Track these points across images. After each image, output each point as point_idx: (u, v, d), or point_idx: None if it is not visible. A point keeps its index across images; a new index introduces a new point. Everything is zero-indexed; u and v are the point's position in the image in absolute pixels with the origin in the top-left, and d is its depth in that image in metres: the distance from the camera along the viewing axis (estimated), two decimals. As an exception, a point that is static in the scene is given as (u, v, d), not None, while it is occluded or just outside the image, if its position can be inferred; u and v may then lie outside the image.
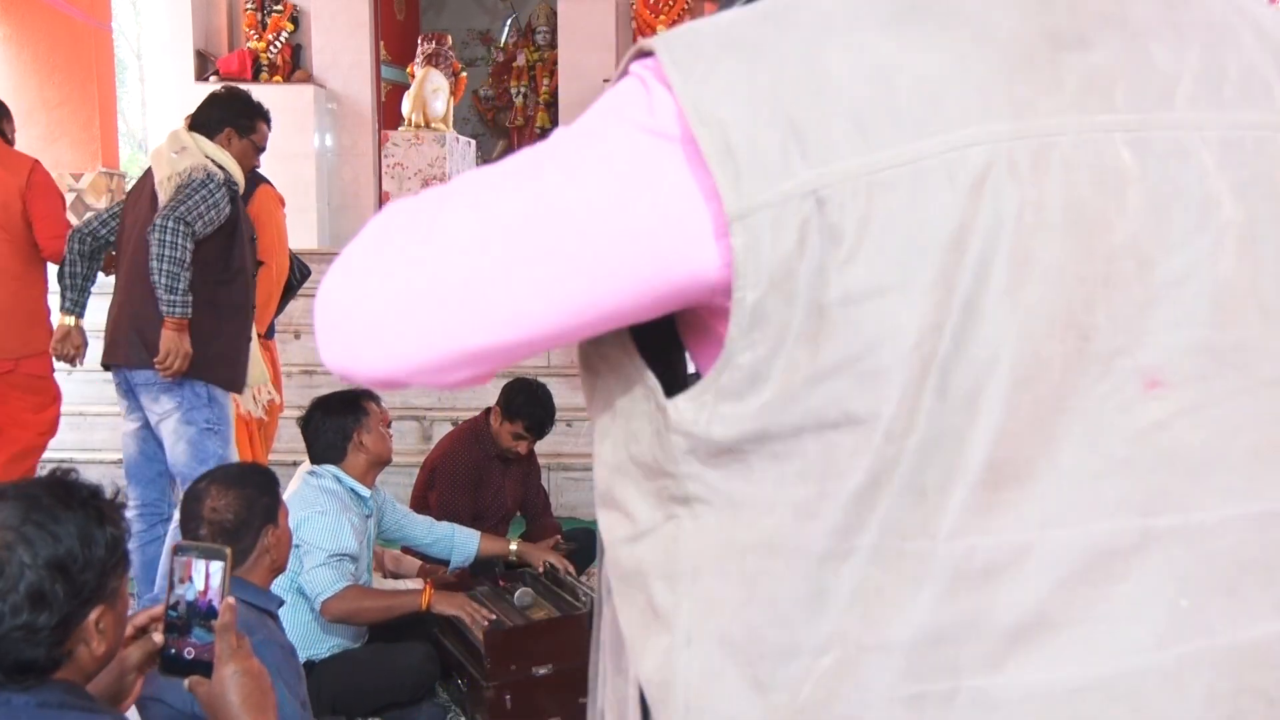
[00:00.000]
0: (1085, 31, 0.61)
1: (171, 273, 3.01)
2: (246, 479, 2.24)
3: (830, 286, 0.57)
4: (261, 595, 2.15)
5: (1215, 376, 0.59)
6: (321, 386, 5.39)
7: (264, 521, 2.19)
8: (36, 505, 1.26)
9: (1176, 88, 0.61)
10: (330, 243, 8.33)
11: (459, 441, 3.84)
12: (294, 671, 2.12)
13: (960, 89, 0.58)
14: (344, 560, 2.82)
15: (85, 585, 1.26)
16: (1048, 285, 0.57)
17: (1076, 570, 0.58)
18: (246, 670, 1.34)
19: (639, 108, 0.63)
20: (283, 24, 8.54)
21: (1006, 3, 0.61)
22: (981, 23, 0.60)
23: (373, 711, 2.78)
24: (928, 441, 0.58)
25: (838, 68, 0.59)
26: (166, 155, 3.27)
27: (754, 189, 0.58)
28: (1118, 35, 0.61)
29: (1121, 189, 0.58)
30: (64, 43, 6.61)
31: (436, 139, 7.04)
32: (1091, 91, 0.59)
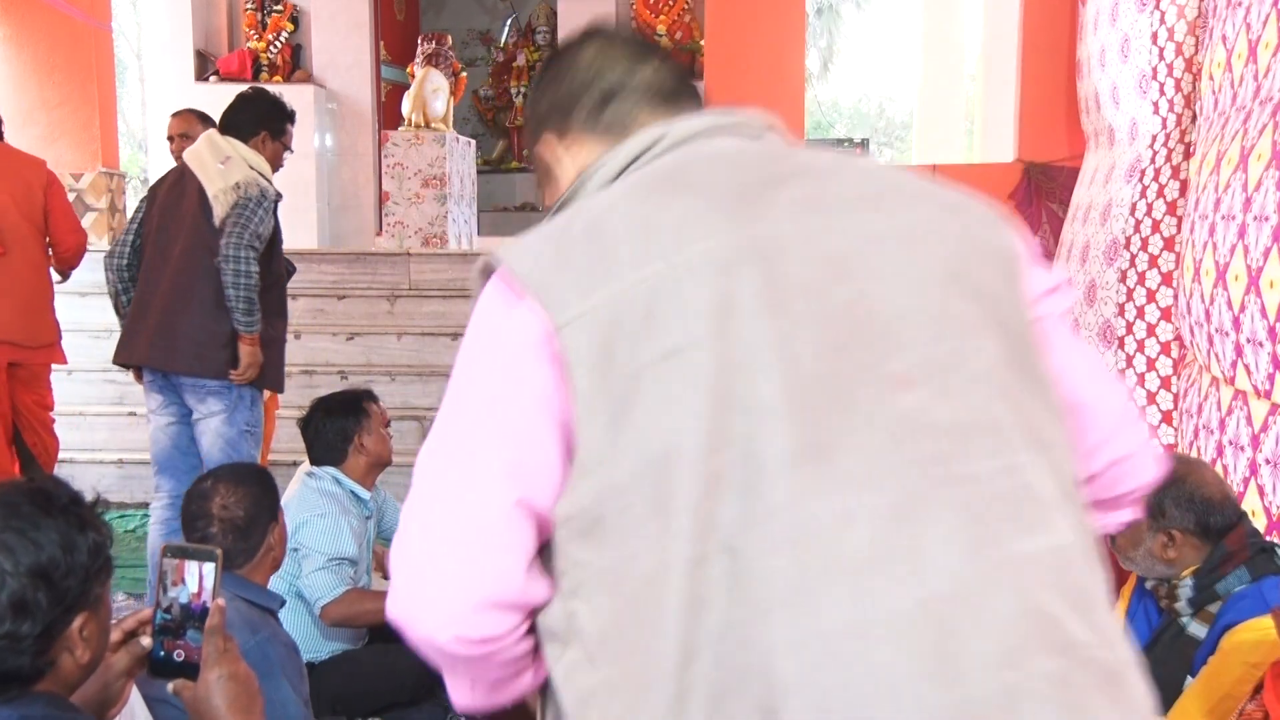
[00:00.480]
0: (784, 176, 0.92)
1: (248, 298, 3.25)
2: (250, 477, 2.24)
3: (635, 361, 0.82)
4: (264, 594, 2.16)
5: (944, 375, 0.84)
6: (321, 387, 5.39)
7: (270, 519, 2.20)
8: (16, 512, 1.23)
9: (855, 202, 0.92)
10: (330, 242, 8.33)
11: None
12: (297, 669, 2.13)
13: (699, 221, 0.87)
14: (343, 564, 2.82)
15: (68, 592, 1.24)
16: (805, 329, 0.82)
17: (890, 520, 0.79)
18: (233, 674, 1.32)
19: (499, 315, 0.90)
20: (283, 24, 8.54)
21: (725, 167, 0.93)
22: (709, 183, 0.91)
23: (373, 711, 2.78)
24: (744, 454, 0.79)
25: (617, 225, 0.88)
26: (212, 165, 3.34)
27: (564, 312, 0.84)
28: (805, 177, 0.93)
29: (839, 260, 0.86)
30: (64, 43, 6.61)
31: (436, 139, 7.03)
32: (796, 207, 0.89)
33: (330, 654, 2.87)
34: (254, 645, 2.01)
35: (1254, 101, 3.25)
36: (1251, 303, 3.03)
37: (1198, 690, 1.92)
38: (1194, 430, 3.66)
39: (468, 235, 7.49)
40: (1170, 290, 4.33)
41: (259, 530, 2.17)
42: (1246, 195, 3.10)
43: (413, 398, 5.52)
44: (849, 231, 0.88)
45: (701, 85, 5.46)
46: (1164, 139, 4.46)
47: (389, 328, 5.92)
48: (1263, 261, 2.97)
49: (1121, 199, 4.59)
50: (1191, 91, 4.34)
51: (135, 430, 5.46)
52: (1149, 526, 2.04)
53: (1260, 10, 3.22)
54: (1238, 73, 3.42)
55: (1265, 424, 3.05)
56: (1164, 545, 2.03)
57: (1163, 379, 4.43)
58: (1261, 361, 3.00)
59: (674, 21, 8.65)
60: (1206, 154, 3.61)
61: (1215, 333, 3.33)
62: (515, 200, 10.73)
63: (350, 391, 3.14)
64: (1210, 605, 2.00)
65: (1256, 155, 3.08)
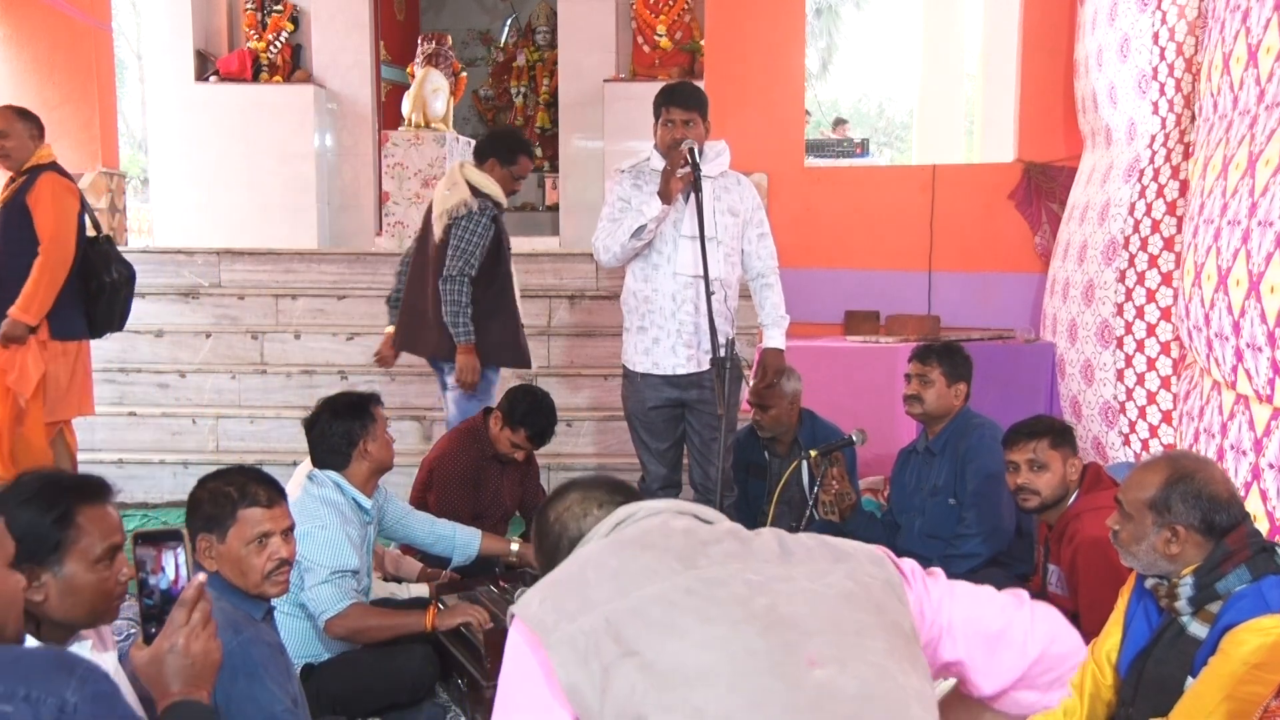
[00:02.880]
0: (718, 540, 1.33)
1: (454, 315, 4.01)
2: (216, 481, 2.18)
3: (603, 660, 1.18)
4: (246, 601, 2.14)
5: (843, 660, 1.18)
6: (321, 387, 5.39)
7: (201, 528, 2.12)
8: None
9: (768, 556, 1.31)
10: (330, 242, 8.32)
11: (456, 442, 3.83)
12: (282, 669, 2.11)
13: (655, 569, 1.25)
14: (346, 576, 2.81)
15: None
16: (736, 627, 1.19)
17: None
18: (186, 649, 1.36)
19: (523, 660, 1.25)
20: (283, 24, 8.53)
21: (678, 535, 1.33)
22: (664, 545, 1.30)
23: (373, 712, 2.78)
24: None
25: (590, 575, 1.27)
26: (441, 192, 4.21)
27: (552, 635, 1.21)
28: (734, 541, 1.33)
29: (757, 586, 1.24)
30: (64, 43, 6.60)
31: (436, 139, 7.03)
32: (726, 558, 1.28)
33: (330, 655, 2.87)
34: (237, 646, 2.00)
35: (1259, 106, 3.25)
36: (1251, 307, 3.03)
37: (1199, 690, 1.92)
38: (1195, 434, 3.66)
39: (468, 235, 7.48)
40: (1170, 290, 4.33)
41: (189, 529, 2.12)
42: (1253, 200, 3.10)
43: (412, 397, 5.52)
44: (763, 572, 1.27)
45: (702, 84, 5.46)
46: (1163, 139, 4.46)
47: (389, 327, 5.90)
48: (1264, 266, 2.96)
49: (1120, 199, 4.58)
50: (1191, 92, 4.33)
51: (135, 430, 5.46)
52: (1154, 522, 2.04)
53: (1260, 14, 3.21)
54: (1236, 76, 3.42)
55: (1268, 428, 3.05)
56: (1167, 541, 2.03)
57: (1163, 379, 4.43)
58: (1261, 366, 3.00)
59: (674, 21, 8.64)
60: (1210, 157, 3.61)
61: (1215, 337, 3.33)
62: (515, 200, 10.71)
63: (357, 394, 3.10)
64: (1211, 605, 2.00)
65: (1264, 161, 3.08)
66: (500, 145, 4.26)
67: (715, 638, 1.17)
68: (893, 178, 6.75)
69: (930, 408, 3.48)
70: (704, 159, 3.43)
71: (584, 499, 1.53)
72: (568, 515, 1.51)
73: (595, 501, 1.52)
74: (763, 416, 3.78)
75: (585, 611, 1.21)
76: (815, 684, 1.15)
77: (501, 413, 3.75)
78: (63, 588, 1.65)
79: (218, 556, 2.12)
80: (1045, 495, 2.87)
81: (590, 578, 1.26)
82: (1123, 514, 2.11)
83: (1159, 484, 2.05)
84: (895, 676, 1.20)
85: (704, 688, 1.14)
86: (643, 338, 3.60)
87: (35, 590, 1.62)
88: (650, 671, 1.15)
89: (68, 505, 1.69)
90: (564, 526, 1.51)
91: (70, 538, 1.66)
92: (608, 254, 3.55)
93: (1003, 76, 6.30)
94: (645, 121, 3.65)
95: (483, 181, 4.14)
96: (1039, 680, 1.44)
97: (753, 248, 3.67)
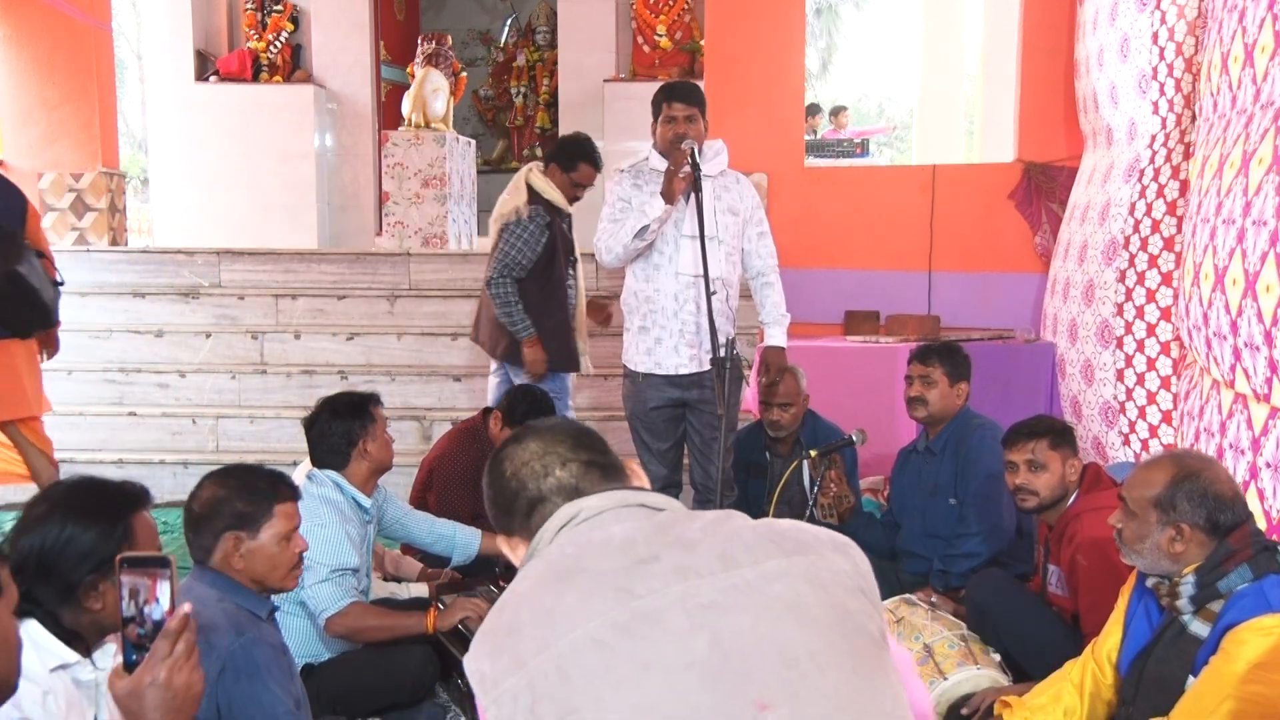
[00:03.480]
0: (657, 552, 1.19)
1: (506, 314, 4.11)
2: (235, 479, 2.17)
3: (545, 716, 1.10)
4: (252, 599, 2.14)
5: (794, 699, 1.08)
6: (321, 387, 5.39)
7: (228, 526, 2.12)
8: None
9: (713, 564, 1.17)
10: (330, 242, 8.33)
11: (456, 442, 3.83)
12: (285, 670, 2.11)
13: (585, 604, 1.15)
14: (346, 575, 2.80)
15: None
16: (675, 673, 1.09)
17: None
18: (168, 683, 1.32)
19: None
20: (283, 24, 8.53)
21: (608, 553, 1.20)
22: (595, 570, 1.18)
23: (373, 712, 2.77)
24: None
25: (525, 617, 1.17)
26: (502, 196, 4.28)
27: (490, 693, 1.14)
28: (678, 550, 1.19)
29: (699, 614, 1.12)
30: (64, 43, 6.60)
31: (436, 139, 7.03)
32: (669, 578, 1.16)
33: (331, 655, 2.87)
34: (239, 647, 2.00)
35: (1255, 105, 3.25)
36: (1248, 307, 3.03)
37: (1200, 690, 1.92)
38: (1195, 433, 3.66)
39: (468, 235, 7.49)
40: (1170, 290, 4.33)
41: (210, 531, 2.12)
42: (1246, 200, 3.10)
43: (412, 397, 5.52)
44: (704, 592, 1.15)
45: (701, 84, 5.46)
46: (1163, 139, 4.46)
47: (389, 328, 5.92)
48: (1259, 266, 2.96)
49: (1120, 199, 4.58)
50: (1191, 91, 4.33)
51: (135, 430, 5.46)
52: (1158, 520, 2.03)
53: (1256, 14, 3.21)
54: (1234, 76, 3.42)
55: (1265, 428, 3.05)
56: (1171, 539, 2.02)
57: (1163, 379, 4.43)
58: (1259, 365, 3.00)
59: (674, 21, 8.65)
60: (1208, 156, 3.61)
61: (1214, 337, 3.33)
62: (515, 200, 10.71)
63: (357, 394, 3.09)
64: (1212, 604, 1.99)
65: (1258, 160, 3.08)
66: (562, 151, 4.29)
67: (655, 693, 1.08)
68: (893, 178, 6.75)
69: (934, 409, 3.47)
70: (703, 158, 3.43)
71: (545, 454, 1.39)
72: (526, 472, 1.38)
73: (558, 459, 1.38)
74: (781, 415, 3.77)
75: (517, 668, 1.13)
76: None
77: (501, 413, 3.75)
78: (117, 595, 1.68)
79: (247, 553, 2.13)
80: (1043, 496, 2.87)
81: (525, 621, 1.17)
82: (1126, 512, 2.11)
83: (1164, 482, 2.05)
84: (861, 704, 1.12)
85: None
86: (644, 338, 3.60)
87: (94, 599, 1.68)
88: None
89: (127, 519, 1.74)
90: (521, 484, 1.38)
91: (127, 548, 1.71)
92: (610, 255, 3.55)
93: (1003, 76, 6.29)
94: (645, 121, 3.65)
95: (544, 187, 4.19)
96: None
97: (752, 246, 3.67)
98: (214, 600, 2.08)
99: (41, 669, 1.61)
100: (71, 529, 1.67)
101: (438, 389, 5.57)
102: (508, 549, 1.42)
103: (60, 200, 6.66)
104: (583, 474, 1.38)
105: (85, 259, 6.32)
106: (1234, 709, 1.85)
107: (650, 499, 1.34)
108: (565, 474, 1.37)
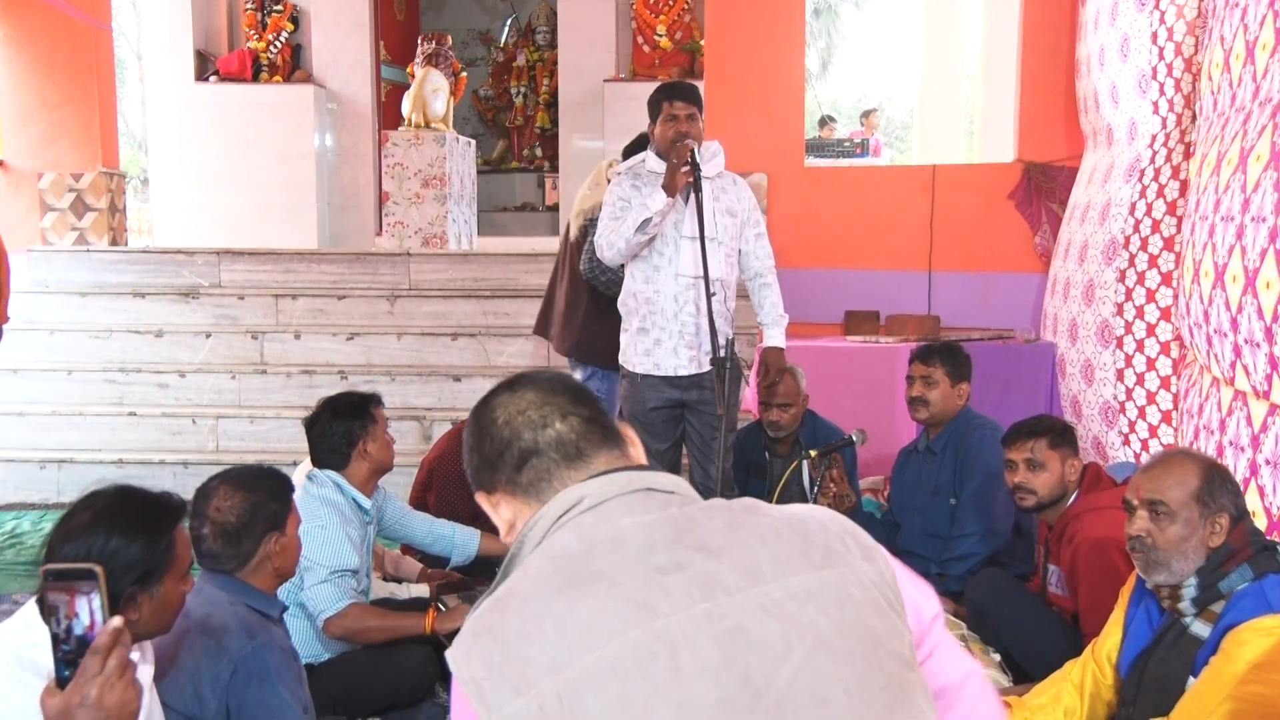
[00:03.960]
0: (679, 560, 1.07)
1: None
2: (257, 482, 2.22)
3: None
4: (265, 600, 2.15)
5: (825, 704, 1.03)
6: (321, 387, 5.39)
7: (269, 528, 2.17)
8: None
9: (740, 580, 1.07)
10: (330, 242, 8.33)
11: (456, 441, 3.83)
12: (294, 675, 2.12)
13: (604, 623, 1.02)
14: (345, 576, 2.80)
15: None
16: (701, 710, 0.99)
17: None
18: (98, 703, 1.26)
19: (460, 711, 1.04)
20: (283, 24, 8.54)
21: (626, 558, 1.08)
22: (611, 577, 1.06)
23: (373, 712, 2.77)
24: None
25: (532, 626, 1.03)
26: (582, 190, 4.36)
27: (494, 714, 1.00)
28: (699, 558, 1.08)
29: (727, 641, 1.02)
30: (64, 43, 6.61)
31: (436, 139, 7.03)
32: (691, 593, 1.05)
33: (331, 656, 2.86)
34: (250, 651, 2.00)
35: (1253, 103, 3.25)
36: (1249, 304, 3.03)
37: (1200, 690, 1.92)
38: (1194, 431, 3.66)
39: (468, 235, 7.49)
40: (1170, 290, 4.33)
41: (251, 538, 2.14)
42: (1245, 196, 3.10)
43: (412, 397, 5.52)
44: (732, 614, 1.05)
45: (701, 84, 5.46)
46: (1164, 139, 4.46)
47: (389, 328, 5.92)
48: (1259, 262, 2.96)
49: (1120, 198, 4.58)
50: (1191, 91, 4.33)
51: (135, 430, 5.46)
52: (1200, 515, 2.01)
53: (1257, 11, 3.21)
54: (1235, 73, 3.42)
55: (1265, 424, 3.05)
56: (1211, 533, 2.02)
57: (1162, 378, 4.43)
58: (1259, 362, 3.00)
59: (674, 21, 8.65)
60: (1207, 154, 3.61)
61: (1214, 334, 3.33)
62: (515, 200, 10.73)
63: (358, 394, 3.08)
64: (1214, 604, 1.99)
65: (1255, 156, 3.08)
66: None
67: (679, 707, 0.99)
68: (893, 178, 6.75)
69: (936, 410, 3.47)
70: (701, 159, 3.43)
71: (543, 404, 1.25)
72: (521, 421, 1.24)
73: (557, 411, 1.24)
74: (781, 416, 3.77)
75: (527, 688, 1.00)
76: None
77: None
78: (157, 605, 1.72)
79: (281, 549, 2.20)
80: (1042, 495, 2.87)
81: (531, 633, 1.03)
82: (1156, 518, 2.04)
83: (1199, 475, 2.03)
84: None
85: None
86: (643, 339, 3.60)
87: (133, 610, 1.67)
88: None
89: (170, 532, 1.74)
90: (515, 432, 1.24)
91: (169, 560, 1.73)
92: (612, 250, 3.55)
93: (1003, 76, 6.29)
94: (645, 122, 3.65)
95: None
96: None
97: (750, 248, 3.68)
98: (225, 603, 2.09)
99: None
100: (117, 541, 1.66)
101: (438, 389, 5.57)
102: (488, 506, 1.30)
103: (60, 200, 6.66)
104: (584, 431, 1.24)
105: (85, 259, 6.32)
106: (1234, 709, 1.84)
107: (658, 481, 1.20)
108: (565, 428, 1.23)
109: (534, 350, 5.67)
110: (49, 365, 5.75)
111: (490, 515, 1.31)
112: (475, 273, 6.20)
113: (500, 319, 5.96)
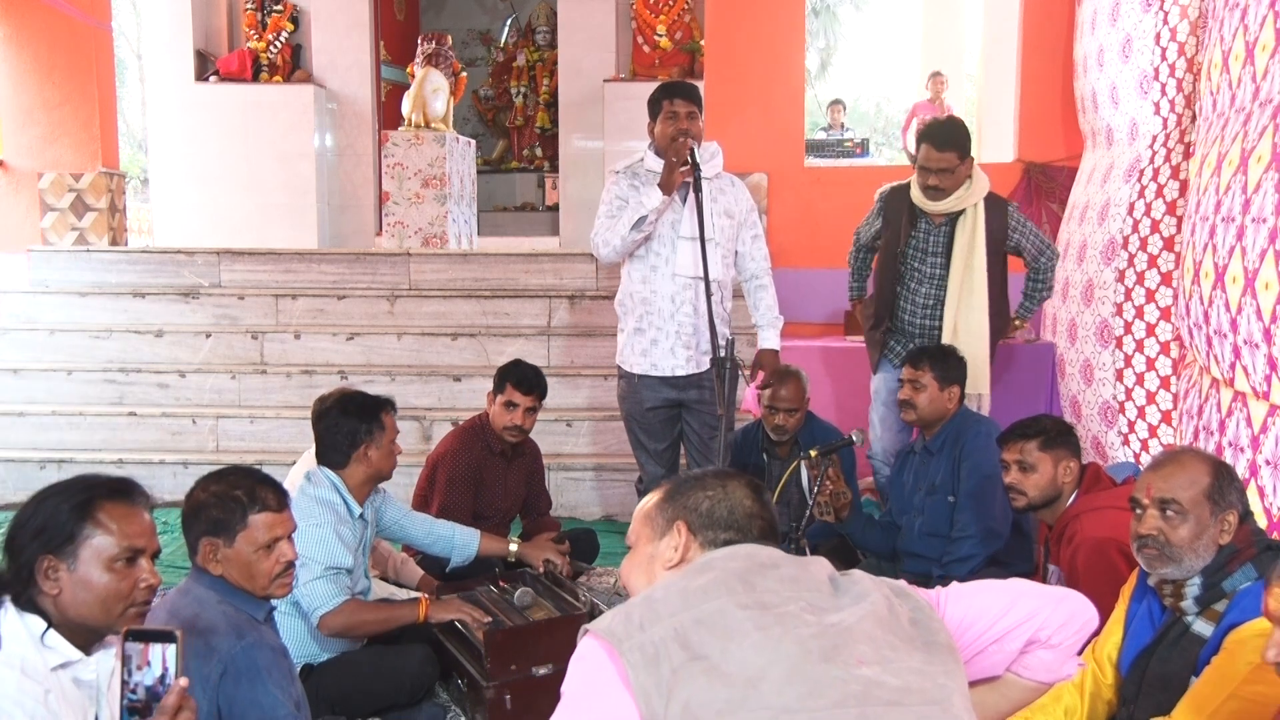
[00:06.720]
0: (778, 562, 1.47)
1: None
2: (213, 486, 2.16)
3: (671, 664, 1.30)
4: (250, 602, 2.13)
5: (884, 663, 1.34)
6: (321, 387, 5.38)
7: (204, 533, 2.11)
8: None
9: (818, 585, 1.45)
10: (330, 242, 8.33)
11: (460, 440, 3.83)
12: (285, 673, 2.11)
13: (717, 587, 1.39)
14: (340, 573, 2.80)
15: None
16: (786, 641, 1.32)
17: None
18: None
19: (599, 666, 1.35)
20: (283, 24, 8.54)
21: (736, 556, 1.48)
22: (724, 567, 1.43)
23: (373, 712, 2.77)
24: None
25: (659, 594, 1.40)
26: None
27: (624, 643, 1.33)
28: (789, 566, 1.46)
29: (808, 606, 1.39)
30: (64, 43, 6.61)
31: (436, 139, 7.03)
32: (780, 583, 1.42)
33: (329, 656, 2.86)
34: (240, 650, 2.00)
35: (1254, 103, 3.25)
36: (1248, 305, 3.03)
37: (1202, 689, 1.92)
38: (1194, 431, 3.66)
39: (468, 235, 7.49)
40: (1169, 290, 4.33)
41: (190, 535, 2.12)
42: (1245, 197, 3.10)
43: (412, 397, 5.52)
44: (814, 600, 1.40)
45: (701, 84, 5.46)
46: (1164, 139, 4.46)
47: (389, 328, 5.92)
48: (1259, 263, 2.96)
49: (1120, 199, 4.58)
50: (1192, 92, 4.33)
51: (135, 430, 5.46)
52: (1211, 512, 2.02)
53: (1257, 12, 3.21)
54: (1235, 74, 3.42)
55: (1264, 425, 3.05)
56: (1222, 531, 2.02)
57: (1162, 379, 4.43)
58: (1258, 363, 3.00)
59: (674, 21, 8.65)
60: (1207, 155, 3.61)
61: (1214, 334, 3.33)
62: (515, 200, 10.73)
63: (373, 397, 3.04)
64: (1216, 604, 1.99)
65: (1256, 157, 3.08)
66: None
67: (773, 639, 1.31)
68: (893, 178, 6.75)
69: (923, 413, 3.49)
70: (701, 159, 3.43)
71: (749, 518, 1.58)
72: (740, 512, 1.57)
73: (757, 530, 1.57)
74: (786, 420, 3.76)
75: (653, 623, 1.33)
76: (864, 678, 1.30)
77: (491, 391, 3.77)
78: (76, 583, 1.65)
79: (224, 559, 2.10)
80: (1032, 497, 2.86)
81: (658, 596, 1.38)
82: (1168, 518, 2.04)
83: (1210, 473, 2.04)
84: (935, 677, 1.35)
85: (765, 680, 1.27)
86: (640, 339, 3.60)
87: (51, 583, 1.64)
88: (716, 673, 1.28)
89: (89, 497, 1.69)
90: (714, 505, 1.57)
91: (86, 532, 1.67)
92: (607, 247, 3.54)
93: (1003, 76, 6.30)
94: (645, 121, 3.65)
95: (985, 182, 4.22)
96: (1053, 638, 1.58)
97: (747, 249, 3.67)
98: (214, 602, 2.08)
99: (43, 667, 1.60)
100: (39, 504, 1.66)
101: (438, 389, 5.57)
102: (677, 536, 1.56)
103: (60, 200, 6.66)
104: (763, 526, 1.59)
105: (85, 259, 6.33)
106: (1236, 708, 1.84)
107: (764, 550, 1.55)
108: (760, 524, 1.58)
109: (534, 350, 5.68)
110: (49, 365, 5.75)
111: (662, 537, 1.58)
112: (475, 273, 6.20)
113: (500, 319, 5.96)
